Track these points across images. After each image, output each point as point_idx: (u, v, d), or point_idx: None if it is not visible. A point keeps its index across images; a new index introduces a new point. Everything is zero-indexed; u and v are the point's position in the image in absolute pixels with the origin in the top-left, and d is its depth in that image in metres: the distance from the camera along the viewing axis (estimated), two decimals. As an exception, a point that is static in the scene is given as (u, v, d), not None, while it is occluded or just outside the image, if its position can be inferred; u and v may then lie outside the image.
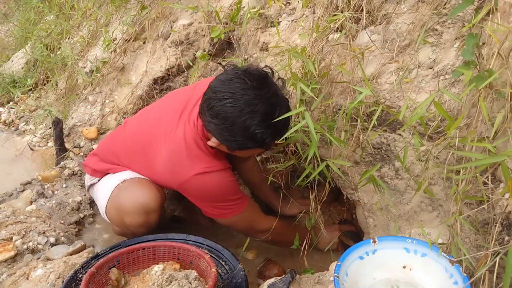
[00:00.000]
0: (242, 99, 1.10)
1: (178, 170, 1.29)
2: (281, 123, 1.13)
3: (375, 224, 1.31)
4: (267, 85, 1.15)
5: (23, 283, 1.21)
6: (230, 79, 1.14)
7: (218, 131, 1.16)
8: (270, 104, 1.12)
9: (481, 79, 0.86)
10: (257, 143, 1.15)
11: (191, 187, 1.30)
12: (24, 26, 3.32)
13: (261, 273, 1.47)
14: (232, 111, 1.10)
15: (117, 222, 1.41)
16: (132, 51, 2.38)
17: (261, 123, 1.11)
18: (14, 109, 2.90)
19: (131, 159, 1.43)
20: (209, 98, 1.15)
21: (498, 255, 0.83)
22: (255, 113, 1.10)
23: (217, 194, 1.31)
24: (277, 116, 1.11)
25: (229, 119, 1.11)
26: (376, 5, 1.27)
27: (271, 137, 1.16)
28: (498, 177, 0.96)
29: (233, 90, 1.11)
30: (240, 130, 1.12)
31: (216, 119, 1.13)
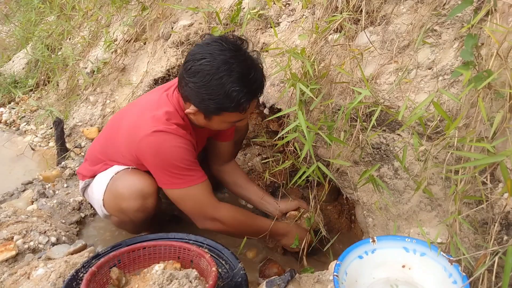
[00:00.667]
0: (219, 58, 1.16)
1: (136, 129, 1.30)
2: (256, 83, 1.20)
3: (375, 223, 1.31)
4: (243, 50, 1.21)
5: (24, 282, 1.22)
6: (208, 43, 1.20)
7: (196, 90, 1.19)
8: (246, 65, 1.18)
9: (480, 79, 0.87)
10: (233, 103, 1.17)
11: (146, 145, 1.27)
12: (25, 27, 3.33)
13: (261, 272, 1.47)
14: (210, 68, 1.15)
15: (115, 210, 1.41)
16: (133, 52, 2.39)
17: (237, 80, 1.15)
18: (15, 109, 2.91)
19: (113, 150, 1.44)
20: (187, 61, 1.21)
21: (497, 254, 0.83)
22: (232, 71, 1.15)
23: (169, 156, 1.27)
24: (252, 76, 1.17)
25: (206, 77, 1.16)
26: (375, 6, 1.27)
27: (246, 98, 1.18)
28: (497, 177, 0.96)
29: (210, 51, 1.17)
30: (217, 87, 1.16)
31: (194, 78, 1.18)
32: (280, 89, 1.60)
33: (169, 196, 1.36)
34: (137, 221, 1.41)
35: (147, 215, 1.39)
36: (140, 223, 1.44)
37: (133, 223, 1.44)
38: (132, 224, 1.47)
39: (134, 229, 1.54)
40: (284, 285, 1.13)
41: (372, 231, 1.33)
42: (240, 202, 1.87)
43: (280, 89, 1.60)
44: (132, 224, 1.46)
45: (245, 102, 1.20)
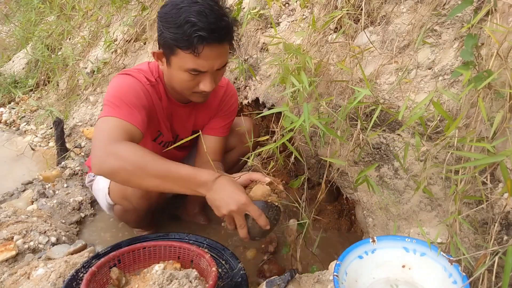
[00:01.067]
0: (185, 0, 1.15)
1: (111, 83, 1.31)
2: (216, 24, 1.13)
3: (374, 223, 1.31)
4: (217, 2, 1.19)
5: (24, 282, 1.22)
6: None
7: (158, 21, 1.20)
8: (211, 8, 1.15)
9: (480, 79, 0.87)
10: (185, 35, 1.12)
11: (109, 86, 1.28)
12: (25, 27, 3.33)
13: (261, 272, 1.47)
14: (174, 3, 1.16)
15: (120, 197, 1.42)
16: (133, 52, 2.39)
17: (194, 13, 1.12)
18: (15, 109, 2.91)
19: None
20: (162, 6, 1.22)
21: (497, 254, 0.83)
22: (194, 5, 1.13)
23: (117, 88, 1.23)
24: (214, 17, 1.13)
25: (170, 7, 1.16)
26: (376, 5, 1.27)
27: (200, 33, 1.11)
28: (497, 177, 0.96)
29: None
30: (175, 15, 1.14)
31: (161, 10, 1.19)
32: (280, 89, 1.60)
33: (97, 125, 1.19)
34: (141, 210, 1.42)
35: (150, 203, 1.40)
36: (143, 212, 1.44)
37: (137, 212, 1.45)
38: (135, 214, 1.48)
39: (136, 220, 1.55)
40: (284, 285, 1.13)
41: (372, 231, 1.33)
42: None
43: (280, 89, 1.60)
44: (135, 213, 1.47)
45: (198, 39, 1.12)
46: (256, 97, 1.75)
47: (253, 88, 1.81)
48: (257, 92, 1.75)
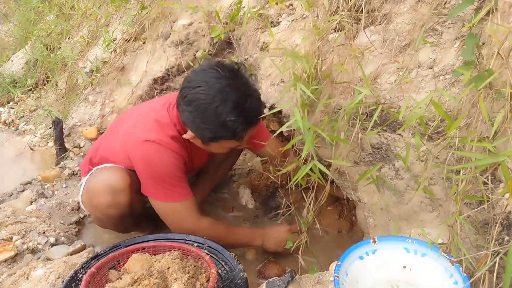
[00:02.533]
0: (214, 87, 1.15)
1: (132, 134, 1.33)
2: (253, 112, 1.18)
3: (375, 224, 1.31)
4: (239, 76, 1.20)
5: (23, 283, 1.21)
6: (204, 69, 1.19)
7: (191, 119, 1.20)
8: (241, 94, 1.17)
9: (480, 79, 0.86)
10: (229, 132, 1.18)
11: (138, 151, 1.30)
12: (24, 26, 3.33)
13: (261, 273, 1.47)
14: (205, 98, 1.15)
15: (89, 207, 1.41)
16: (132, 51, 2.38)
17: (232, 110, 1.15)
18: (14, 109, 2.90)
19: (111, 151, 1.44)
20: (184, 87, 1.21)
21: (498, 255, 0.83)
22: (227, 100, 1.14)
23: (158, 169, 1.29)
24: (248, 105, 1.16)
25: (201, 106, 1.15)
26: (376, 5, 1.27)
27: (242, 126, 1.18)
28: (498, 177, 0.96)
29: (206, 79, 1.16)
30: (212, 117, 1.16)
31: (189, 107, 1.18)
32: (280, 89, 1.60)
33: (151, 204, 1.38)
34: (113, 219, 1.39)
35: (120, 212, 1.36)
36: (117, 220, 1.41)
37: (110, 221, 1.42)
38: (110, 223, 1.45)
39: (115, 228, 1.52)
40: (284, 286, 1.12)
41: (373, 231, 1.32)
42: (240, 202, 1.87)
43: (280, 89, 1.60)
44: (109, 222, 1.44)
45: (242, 131, 1.20)
46: (256, 97, 1.74)
47: (252, 87, 1.80)
48: (257, 91, 1.74)
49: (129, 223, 1.50)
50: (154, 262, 1.05)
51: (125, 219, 1.42)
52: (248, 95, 1.19)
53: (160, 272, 1.00)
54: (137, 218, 1.52)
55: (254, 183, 1.94)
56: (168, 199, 1.33)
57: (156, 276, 0.98)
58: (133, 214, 1.42)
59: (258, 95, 1.25)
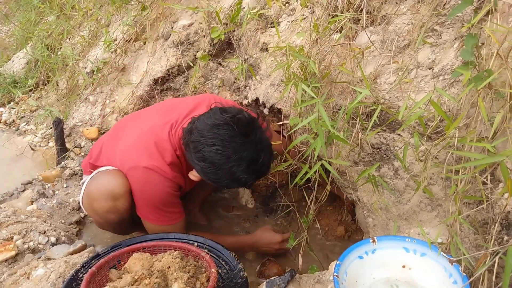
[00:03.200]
0: (229, 147, 1.14)
1: (131, 154, 1.33)
2: (264, 167, 1.22)
3: (375, 223, 1.31)
4: (254, 131, 1.19)
5: (24, 282, 1.22)
6: (218, 124, 1.17)
7: (203, 172, 1.22)
8: (255, 151, 1.18)
9: (480, 79, 0.86)
10: (239, 184, 1.23)
11: (134, 176, 1.32)
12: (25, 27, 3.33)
13: (261, 272, 1.47)
14: (220, 158, 1.15)
15: (89, 211, 1.41)
16: (133, 52, 2.39)
17: (246, 169, 1.17)
18: (15, 109, 2.91)
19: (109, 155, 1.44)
20: (197, 141, 1.18)
21: (497, 254, 0.83)
22: (241, 160, 1.15)
23: (153, 197, 1.33)
24: (261, 162, 1.18)
25: (216, 164, 1.17)
26: (376, 5, 1.27)
27: (253, 181, 1.24)
28: (497, 177, 0.96)
29: (221, 137, 1.15)
30: (226, 174, 1.18)
31: (202, 163, 1.18)
32: (280, 89, 1.60)
33: (143, 223, 1.41)
34: (112, 223, 1.40)
35: (120, 217, 1.36)
36: (116, 224, 1.42)
37: (109, 225, 1.43)
38: (110, 226, 1.45)
39: (115, 231, 1.52)
40: (284, 285, 1.13)
41: (372, 231, 1.33)
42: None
43: (280, 89, 1.60)
44: (109, 226, 1.45)
45: (251, 183, 1.24)
46: (256, 97, 1.75)
47: (253, 88, 1.80)
48: (257, 92, 1.75)
49: (128, 226, 1.51)
50: (155, 261, 1.06)
51: (124, 223, 1.42)
52: (262, 150, 1.19)
53: (161, 272, 1.00)
54: (137, 220, 1.52)
55: (254, 183, 1.94)
56: (158, 223, 1.37)
57: (157, 275, 0.98)
58: (133, 217, 1.43)
59: (270, 147, 1.25)
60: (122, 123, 1.56)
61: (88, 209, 1.41)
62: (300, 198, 1.74)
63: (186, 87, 2.17)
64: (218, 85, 2.03)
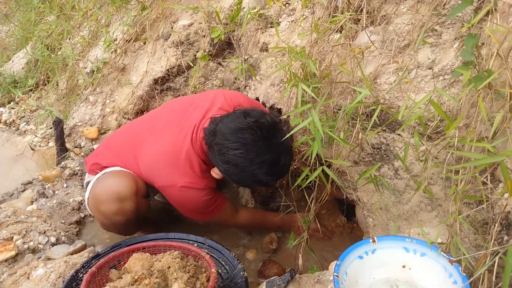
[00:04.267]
0: (253, 150, 1.19)
1: (162, 172, 1.36)
2: (284, 169, 1.27)
3: (375, 223, 1.31)
4: (276, 135, 1.22)
5: (24, 282, 1.22)
6: (242, 128, 1.20)
7: (227, 173, 1.27)
8: (277, 154, 1.22)
9: (480, 79, 0.86)
10: (260, 185, 1.30)
11: (171, 194, 1.39)
12: (25, 27, 3.33)
13: (261, 272, 1.47)
14: (243, 161, 1.20)
15: (95, 213, 1.41)
16: (133, 52, 2.39)
17: (267, 171, 1.22)
18: (15, 109, 2.91)
19: (122, 152, 1.44)
20: (221, 144, 1.22)
21: (497, 254, 0.83)
22: (264, 163, 1.20)
23: (193, 206, 1.42)
24: (282, 164, 1.23)
25: (239, 167, 1.21)
26: (376, 5, 1.27)
27: (274, 181, 1.30)
28: (497, 177, 0.96)
29: (244, 141, 1.19)
30: (248, 176, 1.23)
31: (226, 165, 1.23)
32: (280, 89, 1.60)
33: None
34: (119, 225, 1.40)
35: (126, 219, 1.36)
36: (122, 226, 1.42)
37: (115, 226, 1.43)
38: (116, 228, 1.45)
39: (120, 232, 1.52)
40: (284, 285, 1.13)
41: (372, 231, 1.33)
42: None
43: (280, 89, 1.60)
44: (115, 227, 1.44)
45: (272, 183, 1.32)
46: (256, 97, 1.75)
47: (253, 88, 1.80)
48: (257, 92, 1.75)
49: (132, 227, 1.51)
50: (155, 261, 1.06)
51: (130, 224, 1.43)
52: (283, 153, 1.23)
53: (161, 272, 1.00)
54: (140, 221, 1.52)
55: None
56: (208, 218, 1.49)
57: (157, 275, 0.98)
58: (138, 218, 1.43)
59: (291, 150, 1.29)
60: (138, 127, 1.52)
61: (94, 210, 1.41)
62: (300, 198, 1.74)
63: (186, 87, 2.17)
64: (218, 85, 2.03)
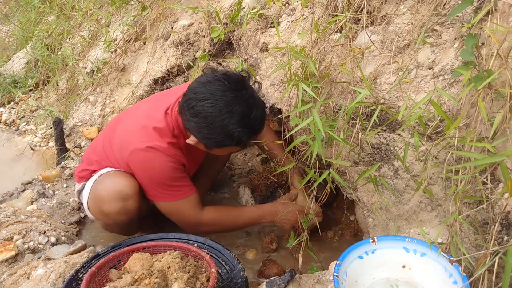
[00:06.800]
0: (221, 100, 1.18)
1: (130, 139, 1.34)
2: (257, 122, 1.22)
3: (375, 223, 1.31)
4: (245, 87, 1.22)
5: (24, 282, 1.22)
6: (210, 81, 1.21)
7: (197, 129, 1.23)
8: (247, 105, 1.20)
9: (480, 79, 0.86)
10: (234, 141, 1.23)
11: (136, 158, 1.33)
12: (25, 27, 3.33)
13: (261, 272, 1.47)
14: (212, 110, 1.18)
15: (98, 214, 1.41)
16: (133, 52, 2.39)
17: (238, 122, 1.19)
18: (15, 109, 2.91)
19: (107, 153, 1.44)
20: (190, 98, 1.22)
21: (497, 254, 0.83)
22: (233, 113, 1.18)
23: (158, 174, 1.32)
24: (253, 116, 1.20)
25: (208, 118, 1.19)
26: (376, 5, 1.27)
27: (247, 136, 1.24)
28: (497, 177, 0.96)
29: (212, 92, 1.19)
30: (219, 128, 1.19)
31: (196, 118, 1.20)
32: (280, 89, 1.60)
33: (156, 206, 1.41)
34: (122, 224, 1.40)
35: (130, 218, 1.37)
36: (125, 225, 1.42)
37: (118, 226, 1.43)
38: (118, 227, 1.46)
39: (122, 232, 1.53)
40: (284, 285, 1.13)
41: (372, 231, 1.33)
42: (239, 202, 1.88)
43: (280, 89, 1.60)
44: (118, 227, 1.45)
45: (246, 139, 1.25)
46: (256, 97, 1.75)
47: (253, 88, 1.80)
48: (257, 92, 1.74)
49: (134, 227, 1.52)
50: (155, 261, 1.06)
51: (132, 223, 1.43)
52: (253, 106, 1.22)
53: (161, 272, 1.01)
54: (140, 221, 1.53)
55: (254, 183, 1.94)
56: (170, 199, 1.37)
57: (157, 275, 0.98)
58: (140, 217, 1.43)
59: (262, 104, 1.28)
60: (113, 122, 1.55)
61: (96, 212, 1.41)
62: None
63: (186, 87, 2.17)
64: (218, 85, 2.03)
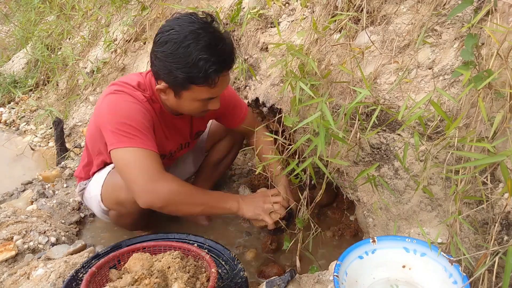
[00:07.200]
0: (187, 29, 1.16)
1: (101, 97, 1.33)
2: (225, 54, 1.18)
3: (375, 223, 1.31)
4: (213, 26, 1.20)
5: (24, 282, 1.22)
6: (177, 17, 1.21)
7: (163, 60, 1.18)
8: (214, 37, 1.17)
9: (480, 79, 0.86)
10: (201, 72, 1.15)
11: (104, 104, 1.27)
12: (25, 27, 3.33)
13: (261, 272, 1.47)
14: (177, 37, 1.16)
15: (113, 203, 1.40)
16: (133, 52, 2.39)
17: (204, 49, 1.14)
18: (15, 109, 2.91)
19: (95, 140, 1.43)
20: (157, 34, 1.21)
21: (497, 254, 0.83)
22: (199, 40, 1.15)
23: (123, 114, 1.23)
24: (221, 47, 1.17)
25: (174, 45, 1.16)
26: (376, 5, 1.27)
27: (215, 67, 1.16)
28: (497, 177, 0.96)
29: (179, 23, 1.18)
30: (184, 54, 1.14)
31: (162, 47, 1.18)
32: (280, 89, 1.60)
33: (112, 159, 1.24)
34: (136, 213, 1.41)
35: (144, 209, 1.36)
36: (138, 215, 1.43)
37: (132, 216, 1.44)
38: (130, 217, 1.47)
39: (132, 223, 1.54)
40: (284, 285, 1.13)
41: (372, 231, 1.33)
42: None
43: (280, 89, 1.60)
44: (130, 217, 1.46)
45: (213, 73, 1.16)
46: (256, 97, 1.75)
47: (253, 88, 1.80)
48: (257, 92, 1.75)
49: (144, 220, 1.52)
50: (155, 261, 1.06)
51: (145, 214, 1.43)
52: (221, 39, 1.18)
53: (161, 272, 1.01)
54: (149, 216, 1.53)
55: (254, 183, 1.94)
56: (128, 144, 1.20)
57: (157, 275, 0.99)
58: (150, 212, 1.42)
59: (231, 41, 1.22)
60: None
61: (111, 202, 1.40)
62: (299, 198, 1.74)
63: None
64: (218, 85, 2.03)
